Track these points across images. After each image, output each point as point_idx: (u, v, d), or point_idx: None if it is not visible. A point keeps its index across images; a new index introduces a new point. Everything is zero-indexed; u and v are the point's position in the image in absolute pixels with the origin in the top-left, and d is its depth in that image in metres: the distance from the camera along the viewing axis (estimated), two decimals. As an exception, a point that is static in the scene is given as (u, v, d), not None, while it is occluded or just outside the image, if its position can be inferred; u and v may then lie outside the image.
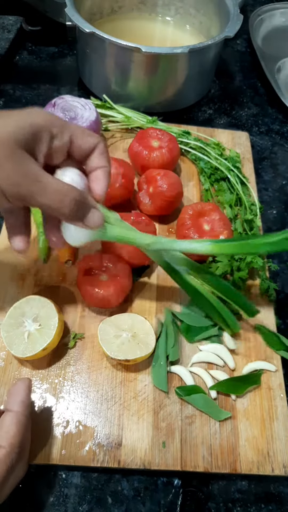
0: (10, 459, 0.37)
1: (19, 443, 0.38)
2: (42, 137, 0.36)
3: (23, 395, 0.41)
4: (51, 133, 0.36)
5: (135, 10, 0.88)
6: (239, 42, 1.01)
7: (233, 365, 0.53)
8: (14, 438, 0.38)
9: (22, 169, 0.34)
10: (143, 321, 0.51)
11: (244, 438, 0.48)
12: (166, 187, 0.60)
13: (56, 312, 0.49)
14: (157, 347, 0.52)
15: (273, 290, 0.58)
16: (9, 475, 0.37)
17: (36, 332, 0.48)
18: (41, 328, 0.48)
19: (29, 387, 0.42)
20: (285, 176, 0.78)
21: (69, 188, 0.37)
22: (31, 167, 0.35)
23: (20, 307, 0.50)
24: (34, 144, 0.36)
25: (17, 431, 0.38)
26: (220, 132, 0.77)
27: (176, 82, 0.75)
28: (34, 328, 0.48)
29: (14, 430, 0.38)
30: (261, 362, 0.53)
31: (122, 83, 0.74)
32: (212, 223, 0.59)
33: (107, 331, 0.50)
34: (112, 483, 0.46)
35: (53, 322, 0.49)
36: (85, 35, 0.67)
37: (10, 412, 0.39)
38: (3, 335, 0.48)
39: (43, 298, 0.50)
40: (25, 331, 0.48)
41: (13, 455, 0.37)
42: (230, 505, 0.47)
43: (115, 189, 0.60)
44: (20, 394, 0.41)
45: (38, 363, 0.51)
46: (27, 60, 0.87)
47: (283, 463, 0.47)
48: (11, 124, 0.34)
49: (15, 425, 0.38)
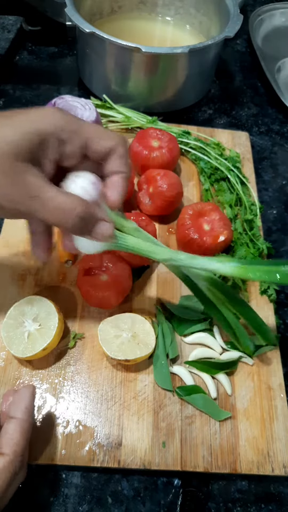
0: (14, 467, 0.36)
1: (22, 450, 0.38)
2: (49, 144, 0.33)
3: (28, 402, 0.40)
4: (61, 139, 0.34)
5: (135, 10, 0.88)
6: (239, 42, 1.01)
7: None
8: (17, 445, 0.37)
9: (20, 185, 0.32)
10: (143, 321, 0.51)
11: (244, 438, 0.48)
12: (166, 187, 0.60)
13: (56, 312, 0.49)
14: (157, 346, 0.52)
15: (273, 290, 0.58)
16: (12, 481, 0.37)
17: (36, 332, 0.48)
18: (41, 328, 0.48)
19: (33, 394, 0.42)
20: (285, 176, 0.78)
21: (72, 202, 0.34)
22: (31, 182, 0.32)
23: (20, 307, 0.50)
24: (39, 152, 0.33)
25: (21, 438, 0.38)
26: (220, 132, 0.77)
27: (176, 82, 0.75)
28: (34, 328, 0.48)
29: (18, 437, 0.38)
30: (239, 352, 0.53)
31: (122, 83, 0.74)
32: (212, 223, 0.59)
33: (107, 331, 0.50)
34: (112, 483, 0.47)
35: (53, 322, 0.49)
36: (85, 35, 0.67)
37: (14, 419, 0.39)
38: (3, 335, 0.48)
39: (43, 298, 0.50)
40: (25, 331, 0.48)
41: (17, 463, 0.37)
42: (230, 505, 0.47)
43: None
44: (25, 401, 0.40)
45: (38, 363, 0.51)
46: (27, 60, 0.87)
47: (283, 463, 0.47)
48: (11, 133, 0.32)
49: (19, 432, 0.38)
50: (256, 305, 0.58)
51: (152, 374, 0.51)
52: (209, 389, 0.51)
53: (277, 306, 0.59)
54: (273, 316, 0.58)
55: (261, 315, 0.57)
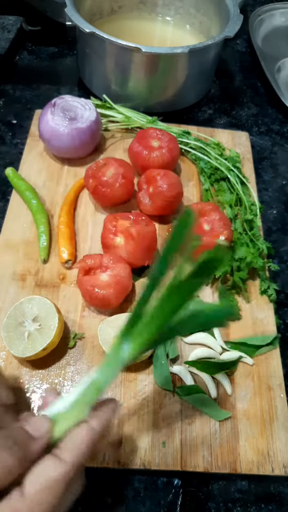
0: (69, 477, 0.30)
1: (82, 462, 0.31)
2: None
3: (109, 415, 0.34)
4: None
5: (135, 10, 0.88)
6: (239, 42, 1.01)
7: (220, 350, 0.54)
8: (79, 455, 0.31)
9: None
10: None
11: (244, 438, 0.48)
12: (166, 187, 0.60)
13: (56, 312, 0.49)
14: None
15: (273, 290, 0.58)
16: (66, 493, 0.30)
17: (36, 332, 0.48)
18: (41, 328, 0.48)
19: (117, 409, 0.35)
20: (285, 176, 0.78)
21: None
22: None
23: (20, 308, 0.50)
24: None
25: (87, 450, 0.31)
26: (220, 132, 0.77)
27: (176, 82, 0.75)
28: (34, 328, 0.48)
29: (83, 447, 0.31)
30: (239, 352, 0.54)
31: (122, 83, 0.74)
32: (212, 223, 0.59)
33: (107, 331, 0.50)
34: (112, 483, 0.46)
35: (53, 322, 0.49)
36: (85, 35, 0.67)
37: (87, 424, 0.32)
38: (3, 335, 0.48)
39: (43, 299, 0.50)
40: (25, 331, 0.48)
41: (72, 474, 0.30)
42: (230, 505, 0.47)
43: (115, 189, 0.60)
44: (107, 413, 0.34)
45: (38, 363, 0.51)
46: (27, 60, 0.87)
47: (283, 463, 0.47)
48: None
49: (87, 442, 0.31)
50: (256, 305, 0.58)
51: (152, 374, 0.51)
52: (209, 389, 0.51)
53: (277, 306, 0.59)
54: (273, 316, 0.58)
55: (261, 315, 0.57)
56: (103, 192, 0.60)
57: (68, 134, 0.64)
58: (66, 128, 0.63)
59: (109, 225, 0.56)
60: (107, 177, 0.60)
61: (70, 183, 0.67)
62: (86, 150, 0.68)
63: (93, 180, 0.61)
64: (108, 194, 0.61)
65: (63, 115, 0.64)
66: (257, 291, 0.59)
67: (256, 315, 0.57)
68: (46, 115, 0.64)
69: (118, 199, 0.62)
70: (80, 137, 0.64)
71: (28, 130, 0.72)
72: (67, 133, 0.63)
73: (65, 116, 0.64)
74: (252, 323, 0.57)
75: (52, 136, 0.64)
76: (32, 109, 0.78)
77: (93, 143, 0.68)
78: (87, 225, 0.63)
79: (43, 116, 0.65)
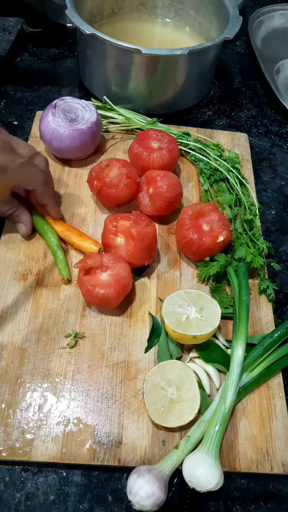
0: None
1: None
2: None
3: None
4: None
5: (135, 11, 0.88)
6: (239, 44, 1.01)
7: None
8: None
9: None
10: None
11: (243, 436, 0.49)
12: (166, 188, 0.60)
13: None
14: (158, 346, 0.53)
15: (271, 289, 0.59)
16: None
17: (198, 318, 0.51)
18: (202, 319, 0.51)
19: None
20: (284, 177, 0.78)
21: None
22: None
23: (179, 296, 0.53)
24: None
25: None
26: (219, 133, 0.78)
27: (176, 83, 0.75)
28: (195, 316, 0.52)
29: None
30: None
31: (122, 85, 0.74)
32: (212, 223, 0.59)
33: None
34: (113, 481, 0.47)
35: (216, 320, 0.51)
36: (85, 37, 0.68)
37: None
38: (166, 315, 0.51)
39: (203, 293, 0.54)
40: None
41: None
42: (230, 503, 0.47)
43: (120, 189, 0.60)
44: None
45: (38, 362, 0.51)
46: (28, 61, 0.88)
47: (282, 461, 0.48)
48: None
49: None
50: (256, 305, 0.59)
51: (152, 373, 0.51)
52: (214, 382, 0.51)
53: (275, 305, 0.60)
54: (271, 315, 0.58)
55: (260, 314, 0.58)
56: (109, 193, 0.61)
57: (69, 135, 0.64)
58: (66, 130, 0.64)
59: (110, 225, 0.57)
60: (112, 178, 0.61)
61: (71, 184, 0.67)
62: (86, 151, 0.69)
63: (98, 181, 0.61)
64: (114, 194, 0.61)
65: (64, 116, 0.65)
66: (256, 290, 0.60)
67: (255, 314, 0.58)
68: (47, 116, 0.65)
69: (123, 199, 0.62)
70: (81, 139, 0.65)
71: (29, 131, 0.73)
72: (68, 134, 0.64)
73: (66, 118, 0.65)
74: (252, 322, 0.57)
75: (53, 137, 0.64)
76: (33, 110, 0.78)
77: (93, 144, 0.68)
78: (87, 225, 0.64)
79: (44, 118, 0.65)
